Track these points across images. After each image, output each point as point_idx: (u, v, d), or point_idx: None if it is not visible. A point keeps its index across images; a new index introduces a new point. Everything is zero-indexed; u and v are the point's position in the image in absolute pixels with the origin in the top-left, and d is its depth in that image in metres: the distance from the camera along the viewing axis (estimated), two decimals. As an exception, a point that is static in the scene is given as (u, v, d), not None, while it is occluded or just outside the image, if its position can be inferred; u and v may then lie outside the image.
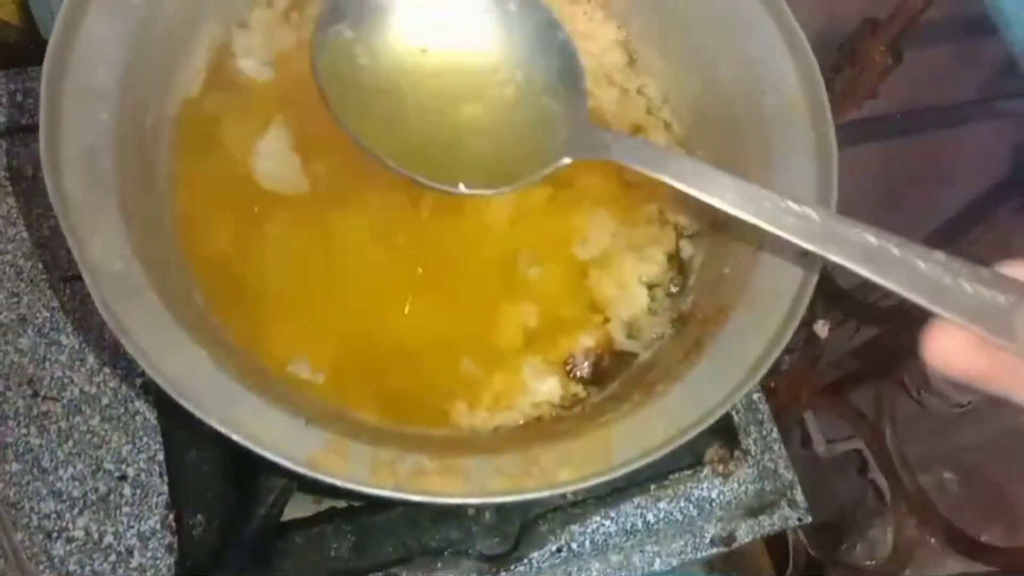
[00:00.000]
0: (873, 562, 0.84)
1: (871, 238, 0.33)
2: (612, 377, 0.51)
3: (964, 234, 1.04)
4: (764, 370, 0.42)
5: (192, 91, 0.50)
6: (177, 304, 0.40)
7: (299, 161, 0.51)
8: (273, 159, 0.51)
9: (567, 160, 0.43)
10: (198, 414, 0.36)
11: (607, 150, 0.42)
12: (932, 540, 0.76)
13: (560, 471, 0.40)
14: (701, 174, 0.39)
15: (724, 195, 0.38)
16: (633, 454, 0.40)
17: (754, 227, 0.38)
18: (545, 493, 0.39)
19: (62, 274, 0.56)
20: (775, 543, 0.90)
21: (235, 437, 0.36)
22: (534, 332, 0.51)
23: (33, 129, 0.60)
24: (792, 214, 0.36)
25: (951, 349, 0.28)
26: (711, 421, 0.41)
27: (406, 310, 0.49)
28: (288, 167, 0.51)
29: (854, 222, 0.35)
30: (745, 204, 0.38)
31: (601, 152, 0.42)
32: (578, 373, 0.51)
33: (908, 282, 0.31)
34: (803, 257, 0.45)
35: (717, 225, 0.53)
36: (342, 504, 0.55)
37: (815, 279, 0.45)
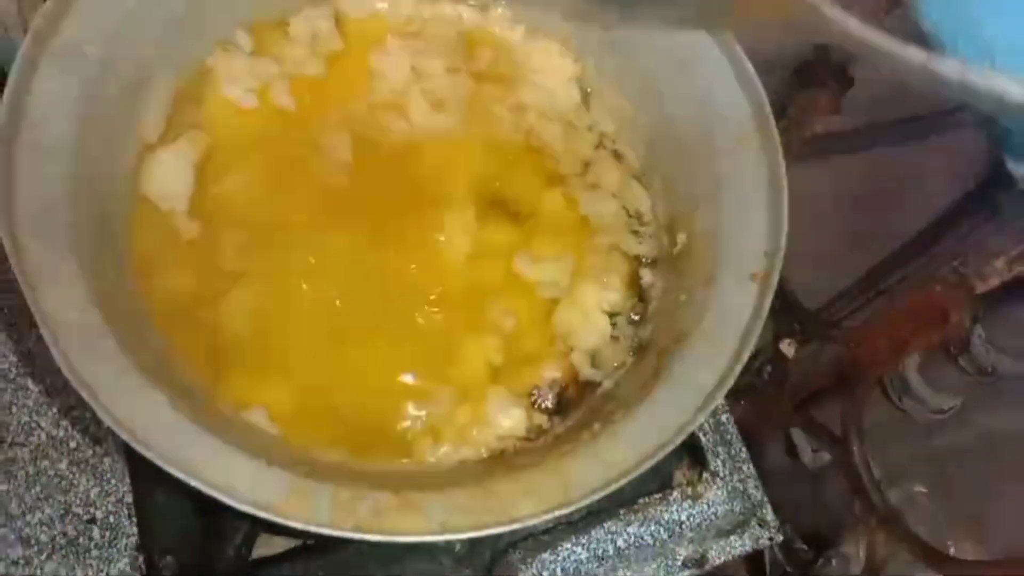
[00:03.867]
0: (848, 577, 0.85)
1: None
2: (575, 406, 0.51)
3: (935, 243, 1.06)
4: (719, 398, 0.43)
5: (151, 137, 0.50)
6: (136, 351, 0.41)
7: (265, 200, 0.52)
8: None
9: None
10: (159, 463, 0.37)
11: None
12: (903, 555, 0.77)
13: (520, 504, 0.40)
14: None
15: None
16: (593, 485, 0.41)
17: (708, 253, 0.37)
18: (505, 528, 0.39)
19: (28, 320, 0.56)
20: (753, 562, 0.90)
21: (197, 485, 0.37)
22: (499, 366, 0.52)
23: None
24: None
25: None
26: (670, 449, 0.42)
27: (367, 347, 0.50)
28: (253, 207, 0.52)
29: None
30: None
31: None
32: (543, 404, 0.51)
33: None
34: (755, 282, 0.46)
35: (673, 252, 0.54)
36: (311, 540, 0.55)
37: (768, 303, 0.46)
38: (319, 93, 0.56)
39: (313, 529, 0.37)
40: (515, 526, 0.39)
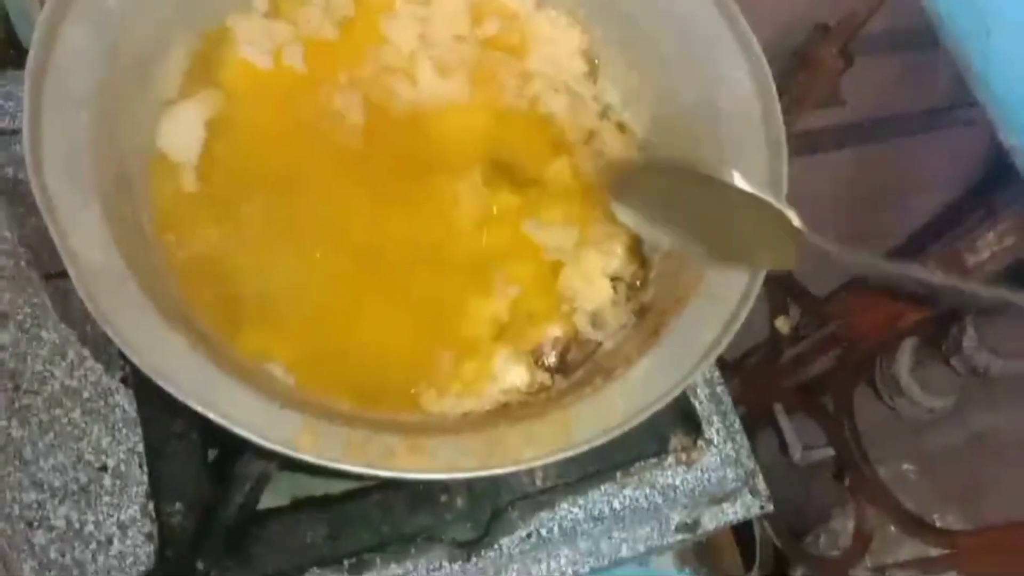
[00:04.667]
0: (836, 552, 0.87)
1: None
2: (577, 365, 0.53)
3: (936, 239, 1.07)
4: (716, 354, 0.44)
5: (170, 92, 0.51)
6: (158, 297, 0.42)
7: (278, 159, 0.53)
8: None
9: None
10: (179, 396, 0.38)
11: None
12: (890, 527, 0.78)
13: (524, 449, 0.42)
14: None
15: None
16: (592, 432, 0.42)
17: None
18: (510, 469, 0.41)
19: (43, 271, 0.58)
20: (743, 537, 0.92)
21: (214, 417, 0.38)
22: (504, 324, 0.53)
23: (14, 132, 0.62)
24: None
25: None
26: (667, 400, 0.43)
27: (377, 306, 0.51)
28: (266, 166, 0.53)
29: None
30: None
31: None
32: (545, 362, 0.53)
33: None
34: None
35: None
36: (317, 493, 0.57)
37: (763, 271, 0.47)
38: (330, 56, 0.57)
39: (326, 463, 0.39)
40: (520, 467, 0.41)
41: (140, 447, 0.55)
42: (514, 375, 0.51)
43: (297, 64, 0.56)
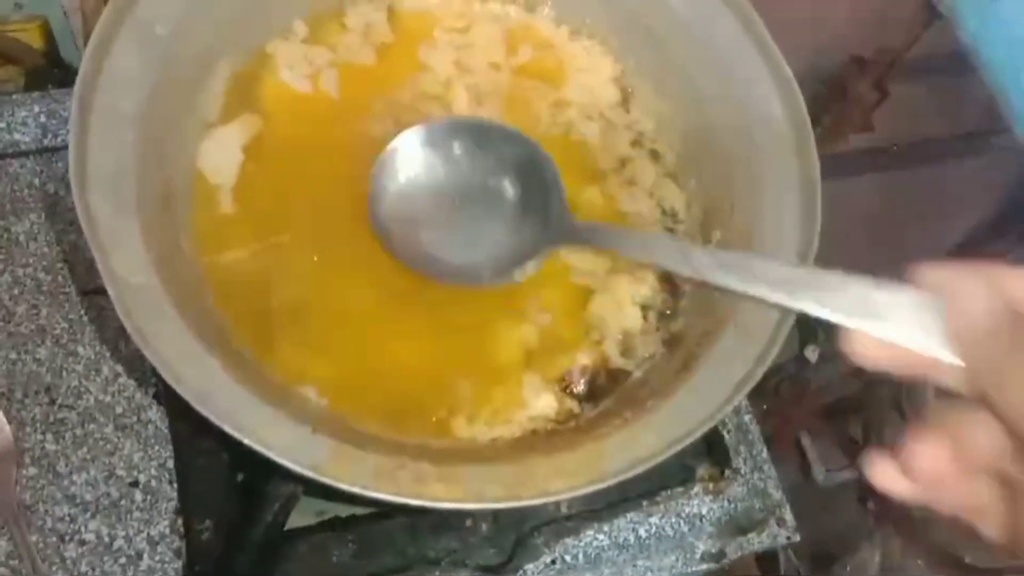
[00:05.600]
0: (862, 584, 0.86)
1: (782, 268, 0.36)
2: (606, 394, 0.53)
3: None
4: (748, 389, 0.44)
5: (211, 115, 0.52)
6: (193, 317, 0.43)
7: (314, 183, 0.54)
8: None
9: (553, 248, 0.53)
10: (213, 419, 0.38)
11: (580, 235, 0.52)
12: (919, 562, 0.77)
13: (553, 481, 0.42)
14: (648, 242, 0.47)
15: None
16: (623, 465, 0.42)
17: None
18: (539, 501, 0.41)
19: (80, 288, 0.59)
20: (767, 564, 0.91)
21: (247, 441, 0.39)
22: (533, 351, 0.53)
23: (56, 149, 0.63)
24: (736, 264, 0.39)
25: (871, 352, 0.31)
26: (697, 435, 0.43)
27: (411, 329, 0.52)
28: (303, 190, 0.54)
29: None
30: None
31: (576, 236, 0.52)
32: (574, 390, 0.53)
33: (822, 305, 0.33)
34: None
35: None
36: (344, 514, 0.57)
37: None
38: (367, 82, 0.58)
39: (356, 491, 0.39)
40: (549, 499, 0.41)
41: (171, 463, 0.56)
42: (543, 402, 0.51)
43: (334, 88, 0.57)
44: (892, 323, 0.30)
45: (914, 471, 0.29)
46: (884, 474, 0.30)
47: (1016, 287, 0.28)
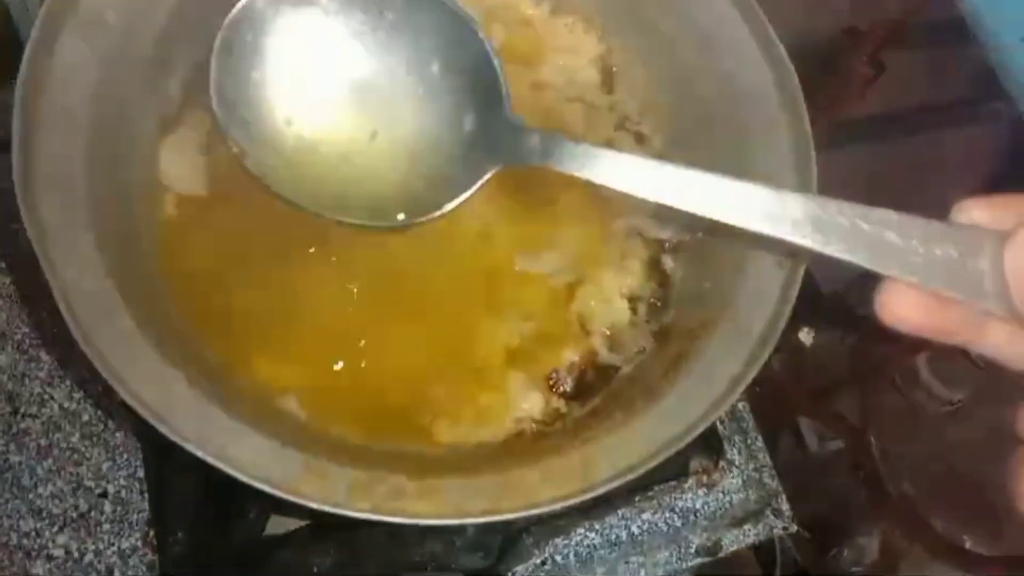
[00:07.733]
0: (860, 569, 0.84)
1: (813, 205, 0.32)
2: (594, 392, 0.51)
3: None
4: (742, 387, 0.42)
5: (170, 111, 0.49)
6: (153, 325, 0.40)
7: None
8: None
9: (495, 169, 0.39)
10: (174, 438, 0.36)
11: (535, 154, 0.39)
12: (917, 547, 0.76)
13: (540, 490, 0.39)
14: (633, 166, 0.37)
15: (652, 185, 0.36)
16: (613, 472, 0.40)
17: (735, 238, 0.37)
18: (524, 513, 0.39)
19: (42, 290, 0.56)
20: (762, 551, 0.90)
21: (211, 461, 0.36)
22: (517, 348, 0.51)
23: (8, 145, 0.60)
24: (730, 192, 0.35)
25: (905, 310, 0.27)
26: (690, 438, 0.41)
27: (389, 331, 0.49)
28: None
29: (797, 194, 0.32)
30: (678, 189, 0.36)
31: (529, 157, 0.39)
32: (561, 388, 0.51)
33: (852, 247, 0.29)
34: (783, 269, 0.45)
35: (698, 237, 0.53)
36: (325, 520, 0.55)
37: (795, 293, 0.45)
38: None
39: (328, 509, 0.37)
40: (533, 512, 0.39)
41: (140, 473, 0.54)
42: (529, 402, 0.49)
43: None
44: (930, 269, 0.26)
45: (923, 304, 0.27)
46: (897, 299, 0.27)
47: None
